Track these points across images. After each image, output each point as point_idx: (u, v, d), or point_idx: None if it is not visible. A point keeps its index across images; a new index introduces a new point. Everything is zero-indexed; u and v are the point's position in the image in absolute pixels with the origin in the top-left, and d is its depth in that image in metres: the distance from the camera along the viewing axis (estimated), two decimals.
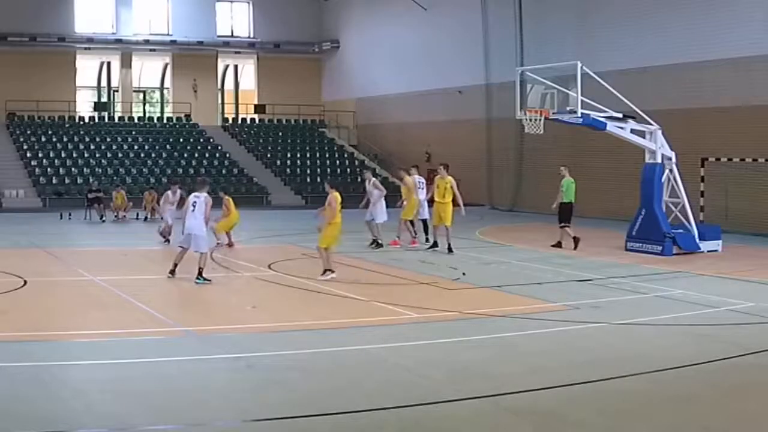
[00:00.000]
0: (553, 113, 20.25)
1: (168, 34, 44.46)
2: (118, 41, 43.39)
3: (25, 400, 8.20)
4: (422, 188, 21.83)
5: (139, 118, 44.60)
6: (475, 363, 10.05)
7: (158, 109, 47.32)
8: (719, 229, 21.54)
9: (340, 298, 14.04)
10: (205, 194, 15.82)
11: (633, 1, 29.31)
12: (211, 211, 15.90)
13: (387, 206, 21.15)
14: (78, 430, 7.52)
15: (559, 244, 21.22)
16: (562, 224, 21.18)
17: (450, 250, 19.83)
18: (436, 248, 20.40)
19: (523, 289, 15.16)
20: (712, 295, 14.53)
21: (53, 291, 14.83)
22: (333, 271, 15.82)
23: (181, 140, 42.22)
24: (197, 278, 15.24)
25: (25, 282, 14.97)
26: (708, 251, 20.56)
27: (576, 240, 20.84)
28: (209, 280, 15.29)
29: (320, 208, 16.86)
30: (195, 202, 15.68)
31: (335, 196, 16.00)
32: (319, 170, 41.13)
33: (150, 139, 41.35)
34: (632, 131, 20.72)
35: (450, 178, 20.41)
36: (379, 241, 20.77)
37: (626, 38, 29.18)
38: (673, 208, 21.12)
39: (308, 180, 40.23)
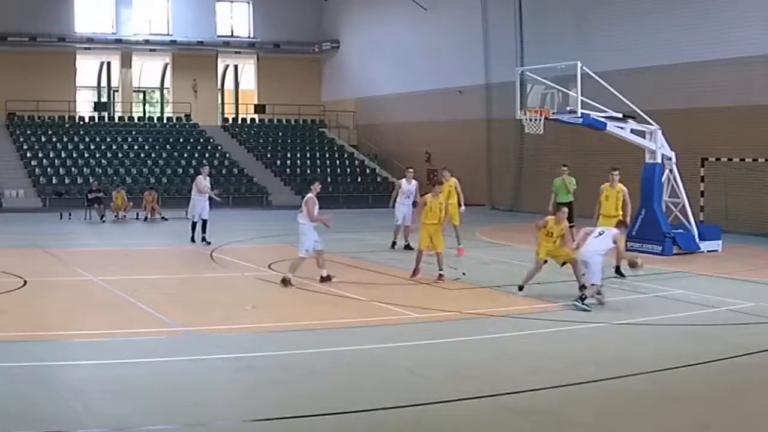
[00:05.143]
0: (553, 113, 20.25)
1: (168, 34, 44.42)
2: (118, 41, 43.36)
3: (25, 400, 8.20)
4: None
5: (139, 118, 44.56)
6: (475, 363, 10.04)
7: (158, 109, 47.29)
8: (719, 229, 21.53)
9: (340, 298, 14.03)
10: None
11: (633, 1, 29.27)
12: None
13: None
14: (78, 430, 7.52)
15: None
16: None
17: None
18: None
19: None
20: (712, 295, 14.53)
21: (53, 291, 14.83)
22: None
23: (181, 140, 42.19)
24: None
25: (25, 282, 14.96)
26: (708, 251, 20.57)
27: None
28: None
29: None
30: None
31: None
32: (319, 170, 41.12)
33: (150, 139, 41.31)
34: (632, 131, 20.71)
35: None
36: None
37: (626, 38, 29.15)
38: (673, 208, 21.12)
39: (308, 180, 40.16)
